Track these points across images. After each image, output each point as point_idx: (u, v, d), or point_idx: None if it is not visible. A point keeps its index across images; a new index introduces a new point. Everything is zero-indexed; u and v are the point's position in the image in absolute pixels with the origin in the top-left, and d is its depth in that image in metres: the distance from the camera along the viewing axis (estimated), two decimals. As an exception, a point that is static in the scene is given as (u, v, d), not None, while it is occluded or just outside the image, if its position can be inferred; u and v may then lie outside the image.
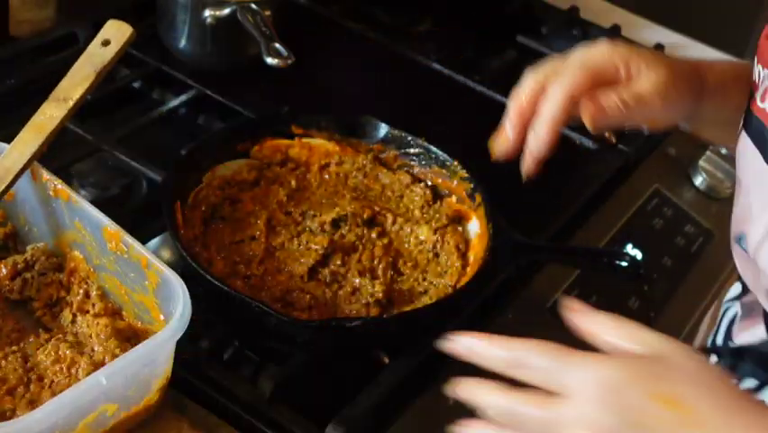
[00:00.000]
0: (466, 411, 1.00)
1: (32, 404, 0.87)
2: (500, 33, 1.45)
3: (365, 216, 1.11)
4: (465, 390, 0.71)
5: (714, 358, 1.07)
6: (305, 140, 1.20)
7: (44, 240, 1.04)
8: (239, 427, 0.95)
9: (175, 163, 1.11)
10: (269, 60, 1.22)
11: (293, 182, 1.16)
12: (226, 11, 1.32)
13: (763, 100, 0.78)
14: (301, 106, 1.31)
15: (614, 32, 1.66)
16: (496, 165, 1.13)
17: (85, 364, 0.90)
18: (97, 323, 0.94)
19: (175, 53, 1.39)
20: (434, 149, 1.18)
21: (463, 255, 1.10)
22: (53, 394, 0.87)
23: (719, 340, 1.08)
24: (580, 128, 1.40)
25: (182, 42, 1.38)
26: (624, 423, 0.62)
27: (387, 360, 1.02)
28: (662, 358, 0.66)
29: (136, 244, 0.92)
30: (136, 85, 1.39)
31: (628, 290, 1.22)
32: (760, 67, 0.82)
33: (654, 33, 1.72)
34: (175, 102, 1.35)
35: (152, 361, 0.86)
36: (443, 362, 1.04)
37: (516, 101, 0.89)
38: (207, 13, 1.33)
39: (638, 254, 1.13)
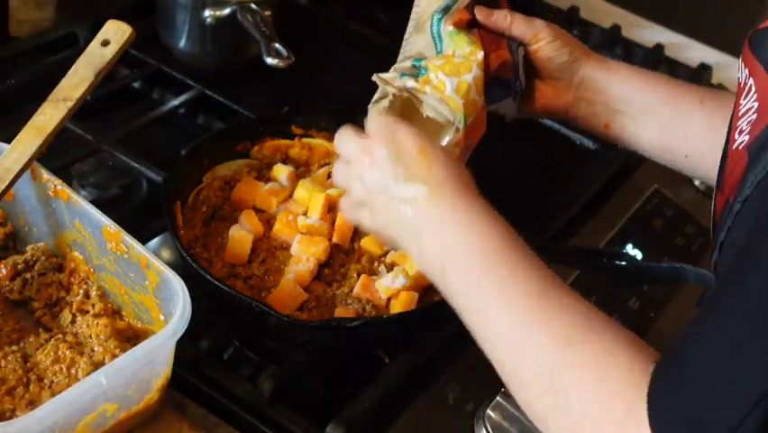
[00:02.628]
0: (466, 411, 1.00)
1: (32, 404, 0.87)
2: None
3: None
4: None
5: None
6: (305, 140, 1.20)
7: (44, 240, 1.04)
8: (239, 427, 0.95)
9: (175, 163, 1.11)
10: (269, 60, 1.22)
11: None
12: (226, 11, 1.32)
13: (745, 97, 0.80)
14: (301, 106, 1.31)
15: (614, 32, 1.66)
16: (496, 165, 1.13)
17: (84, 365, 0.90)
18: (97, 323, 0.94)
19: (175, 53, 1.39)
20: (434, 149, 1.18)
21: (463, 255, 1.10)
22: (53, 394, 0.87)
23: None
24: (580, 128, 1.40)
25: (182, 42, 1.38)
26: (391, 154, 0.86)
27: (387, 360, 1.03)
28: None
29: (136, 244, 0.92)
30: (136, 85, 1.39)
31: (628, 289, 1.22)
32: (742, 65, 0.83)
33: (654, 33, 1.72)
34: (175, 102, 1.35)
35: (152, 361, 0.86)
36: (442, 362, 1.05)
37: None
38: (207, 13, 1.33)
39: (638, 254, 1.13)
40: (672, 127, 1.04)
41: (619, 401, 0.69)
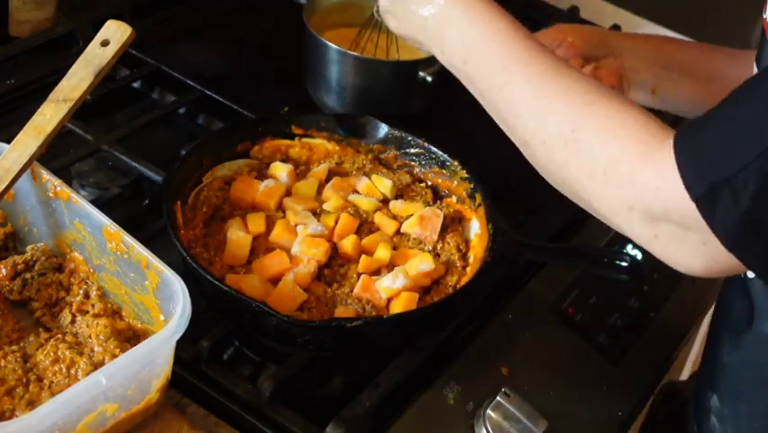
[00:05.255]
0: (466, 411, 1.00)
1: (32, 404, 0.87)
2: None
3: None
4: None
5: None
6: (305, 140, 1.20)
7: (44, 240, 1.04)
8: (239, 427, 0.95)
9: (175, 163, 1.11)
10: None
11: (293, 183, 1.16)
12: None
13: None
14: (301, 106, 1.31)
15: (614, 32, 1.66)
16: (496, 165, 1.13)
17: (84, 365, 0.90)
18: (97, 323, 0.94)
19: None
20: (434, 149, 1.18)
21: (463, 255, 1.10)
22: (53, 394, 0.87)
23: None
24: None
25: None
26: None
27: (384, 361, 1.03)
28: None
29: (136, 245, 0.92)
30: (136, 85, 1.39)
31: (628, 289, 1.22)
32: None
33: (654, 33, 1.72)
34: (175, 102, 1.35)
35: (152, 361, 0.86)
36: (442, 362, 1.05)
37: None
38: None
39: (638, 254, 1.13)
40: (708, 86, 1.12)
41: (636, 142, 0.80)
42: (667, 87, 1.15)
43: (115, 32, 1.03)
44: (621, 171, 0.81)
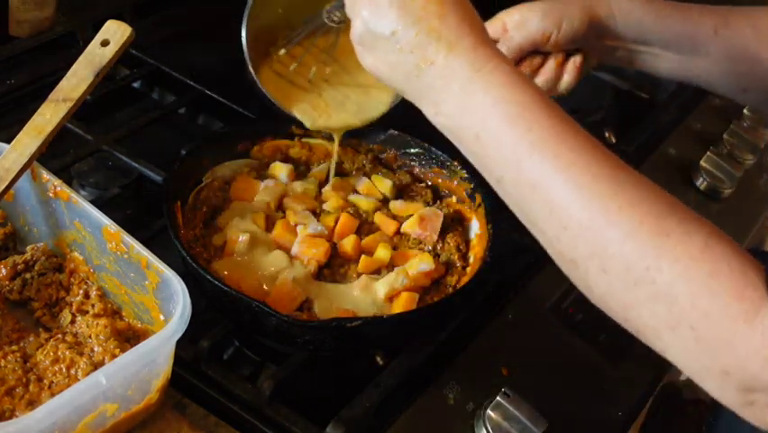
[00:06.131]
0: (466, 411, 1.00)
1: (32, 404, 0.87)
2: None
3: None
4: None
5: None
6: (305, 140, 1.20)
7: (44, 240, 1.04)
8: (239, 427, 0.95)
9: (175, 163, 1.11)
10: None
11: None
12: None
13: None
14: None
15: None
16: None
17: (84, 365, 0.90)
18: (97, 323, 0.94)
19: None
20: (434, 149, 1.18)
21: (463, 255, 1.10)
22: (52, 394, 0.87)
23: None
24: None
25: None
26: (394, 5, 0.77)
27: (384, 361, 1.02)
28: None
29: (136, 244, 0.92)
30: (136, 85, 1.39)
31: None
32: None
33: None
34: (175, 102, 1.35)
35: (152, 361, 0.86)
36: (442, 362, 1.05)
37: None
38: None
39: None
40: (691, 59, 1.05)
41: (738, 299, 0.66)
42: (645, 59, 1.06)
43: (115, 32, 1.03)
44: (717, 332, 0.66)
